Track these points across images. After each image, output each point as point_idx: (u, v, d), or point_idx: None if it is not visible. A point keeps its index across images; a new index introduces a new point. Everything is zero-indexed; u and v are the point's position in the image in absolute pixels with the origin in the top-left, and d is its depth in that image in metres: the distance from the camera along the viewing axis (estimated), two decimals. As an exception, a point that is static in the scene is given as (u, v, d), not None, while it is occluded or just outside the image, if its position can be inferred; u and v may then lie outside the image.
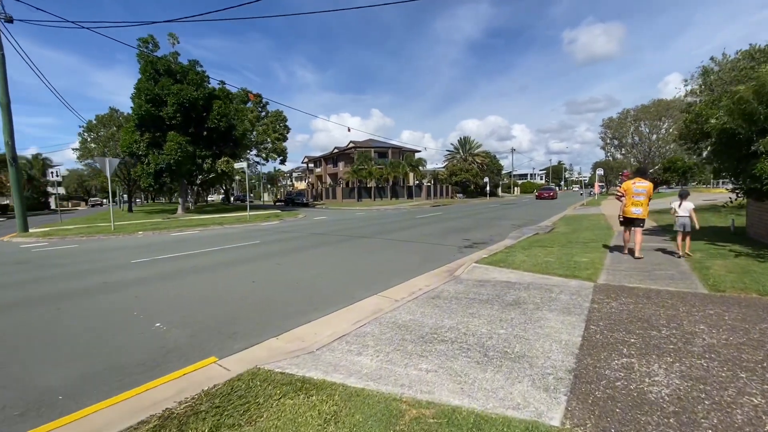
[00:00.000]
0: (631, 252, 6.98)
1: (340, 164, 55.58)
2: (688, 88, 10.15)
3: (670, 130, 43.74)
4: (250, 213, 19.87)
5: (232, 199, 61.32)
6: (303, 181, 78.94)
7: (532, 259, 6.92)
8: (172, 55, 21.83)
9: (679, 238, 6.77)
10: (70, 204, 68.48)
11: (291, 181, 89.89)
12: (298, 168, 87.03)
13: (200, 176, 29.38)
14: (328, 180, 60.00)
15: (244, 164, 17.61)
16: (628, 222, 7.09)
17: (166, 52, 22.19)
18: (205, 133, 23.10)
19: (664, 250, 7.44)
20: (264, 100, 38.54)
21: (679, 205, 6.75)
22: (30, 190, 48.24)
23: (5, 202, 47.98)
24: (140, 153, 21.47)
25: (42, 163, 51.70)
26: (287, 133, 42.96)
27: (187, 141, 21.63)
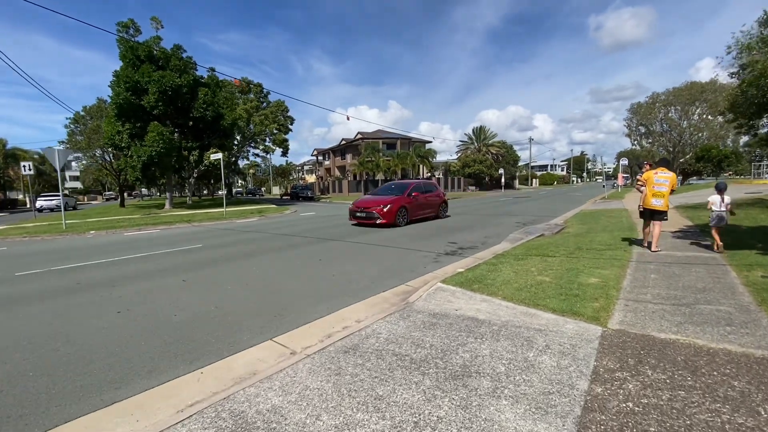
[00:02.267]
0: (649, 245, 6.51)
1: (348, 156, 53.93)
2: (744, 40, 7.78)
3: (704, 115, 39.99)
4: (235, 209, 18.45)
5: (244, 192, 61.02)
6: (313, 174, 77.82)
7: (521, 278, 5.06)
8: (153, 40, 20.44)
9: (715, 232, 6.20)
10: (86, 198, 69.51)
11: (303, 174, 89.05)
12: (309, 161, 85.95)
13: (195, 169, 28.33)
14: (337, 172, 58.55)
15: (219, 155, 16.08)
16: (648, 214, 6.51)
17: (151, 38, 20.88)
18: (191, 123, 21.75)
19: (707, 261, 5.43)
20: (265, 91, 37.12)
21: (722, 200, 6.16)
22: (40, 185, 48.72)
23: (19, 197, 48.78)
24: (123, 145, 20.34)
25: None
26: (291, 124, 41.54)
27: (171, 131, 20.38)
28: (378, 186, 45.70)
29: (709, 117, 38.26)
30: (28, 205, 45.32)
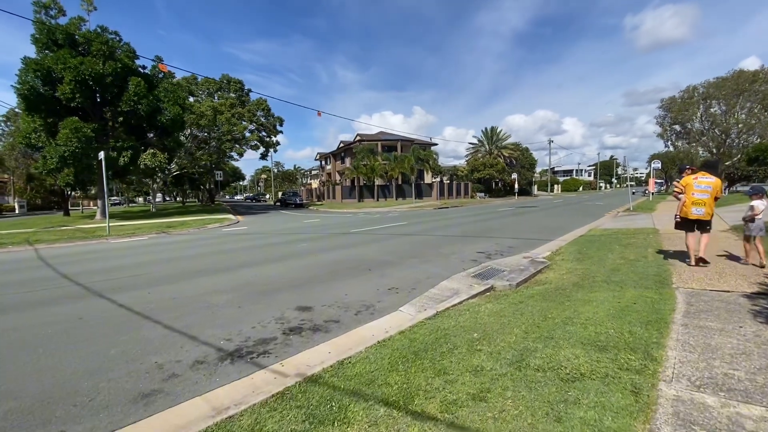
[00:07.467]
0: (698, 261, 5.25)
1: (347, 160, 50.38)
2: None
3: (755, 110, 33.67)
4: (153, 221, 14.82)
5: (239, 197, 58.54)
6: (318, 179, 74.82)
7: None
8: (74, 21, 17.31)
9: (755, 243, 5.15)
10: (91, 203, 69.10)
11: (309, 179, 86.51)
12: (316, 166, 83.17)
13: (161, 172, 25.28)
14: (337, 177, 55.10)
15: (101, 154, 12.56)
16: (688, 224, 5.35)
17: (71, 19, 17.78)
18: (120, 118, 18.56)
19: None
20: (246, 88, 34.01)
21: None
22: (33, 190, 47.54)
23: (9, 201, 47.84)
24: (40, 144, 17.32)
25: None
26: (279, 124, 38.23)
27: (93, 128, 17.15)
28: (374, 192, 41.63)
29: (765, 112, 32.06)
30: (16, 211, 44.25)
